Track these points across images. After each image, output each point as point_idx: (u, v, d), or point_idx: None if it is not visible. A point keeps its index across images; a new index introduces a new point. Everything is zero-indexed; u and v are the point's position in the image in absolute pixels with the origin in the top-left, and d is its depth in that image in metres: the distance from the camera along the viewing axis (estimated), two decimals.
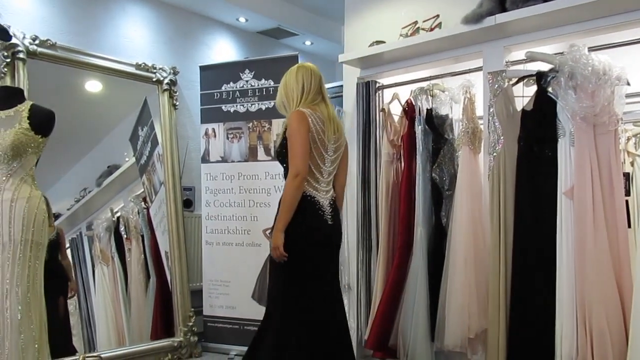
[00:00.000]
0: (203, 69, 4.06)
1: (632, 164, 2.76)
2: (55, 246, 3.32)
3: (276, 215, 2.42)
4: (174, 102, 4.01)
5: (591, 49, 2.51)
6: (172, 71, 4.02)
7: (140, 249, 3.78)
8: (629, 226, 2.43)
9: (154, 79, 3.92)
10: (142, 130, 3.88)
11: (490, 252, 2.69)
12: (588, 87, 2.39)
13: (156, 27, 4.18)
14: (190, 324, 3.74)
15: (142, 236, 3.80)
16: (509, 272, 2.59)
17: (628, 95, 2.50)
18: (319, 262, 2.46)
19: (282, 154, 2.47)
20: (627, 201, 2.44)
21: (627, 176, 2.56)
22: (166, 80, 3.96)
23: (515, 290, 2.54)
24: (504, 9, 2.81)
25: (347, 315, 3.50)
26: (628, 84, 2.42)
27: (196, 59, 4.36)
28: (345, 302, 3.53)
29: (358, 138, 3.52)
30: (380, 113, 3.48)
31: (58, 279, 3.32)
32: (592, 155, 2.39)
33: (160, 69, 3.96)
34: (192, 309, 3.80)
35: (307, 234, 2.41)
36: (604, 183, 2.38)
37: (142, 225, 3.81)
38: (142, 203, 3.84)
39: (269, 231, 2.55)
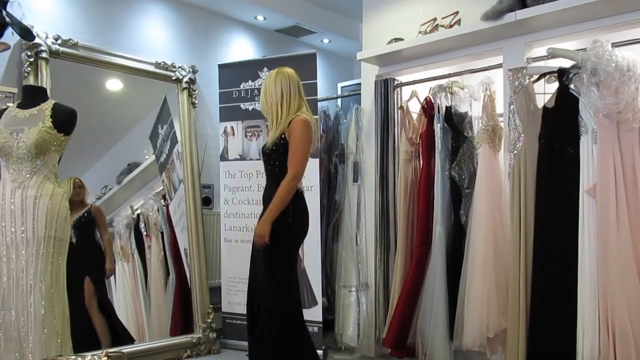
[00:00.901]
0: (222, 67, 4.08)
1: None
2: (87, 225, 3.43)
3: (264, 209, 2.63)
4: (193, 100, 4.04)
5: (615, 45, 2.48)
6: (191, 70, 4.05)
7: (159, 246, 3.82)
8: None
9: (174, 78, 3.96)
10: (162, 128, 3.91)
11: (511, 251, 2.67)
12: (611, 84, 2.36)
13: (175, 26, 4.22)
14: (209, 320, 3.76)
15: (162, 233, 3.83)
16: (529, 272, 2.56)
17: None
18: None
19: (276, 153, 2.61)
20: None
21: None
22: (185, 79, 3.99)
23: (535, 290, 2.51)
24: (524, 5, 2.77)
25: (360, 313, 3.54)
26: None
27: (215, 58, 4.38)
28: (363, 300, 3.55)
29: (376, 136, 3.51)
30: (399, 111, 3.47)
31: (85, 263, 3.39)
32: (616, 153, 2.36)
33: (179, 67, 3.99)
34: (211, 306, 3.82)
35: (302, 224, 2.68)
36: (628, 181, 2.34)
37: (161, 223, 3.85)
38: (162, 200, 3.87)
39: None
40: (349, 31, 5.10)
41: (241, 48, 4.68)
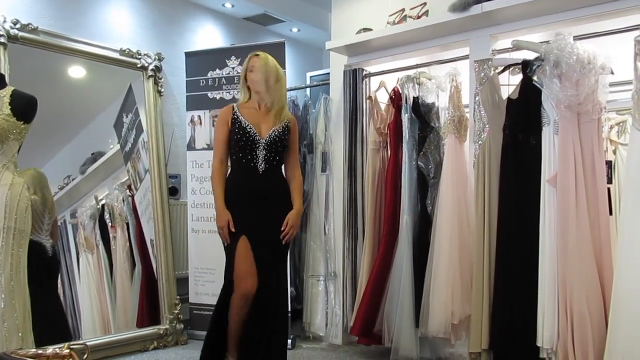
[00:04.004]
0: (188, 55, 4.02)
1: (614, 152, 2.80)
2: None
3: (267, 198, 2.65)
4: (159, 88, 3.96)
5: (576, 38, 2.53)
6: (157, 57, 3.97)
7: (125, 236, 3.75)
8: (611, 213, 2.47)
9: (139, 65, 3.87)
10: (127, 117, 3.83)
11: (475, 239, 2.72)
12: (573, 76, 2.42)
13: (141, 12, 4.12)
14: (176, 311, 3.73)
15: (127, 224, 3.77)
16: (493, 259, 2.62)
17: (611, 84, 2.53)
18: None
19: (282, 145, 2.69)
20: (609, 189, 2.47)
21: (609, 164, 2.60)
22: (151, 67, 3.91)
23: (498, 277, 2.57)
24: None
25: (328, 302, 3.57)
26: (612, 72, 2.45)
27: (181, 45, 4.31)
28: (331, 289, 3.57)
29: (345, 126, 3.52)
30: (367, 101, 3.48)
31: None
32: (576, 144, 2.42)
33: (145, 54, 3.91)
34: (178, 297, 3.78)
35: None
36: (587, 171, 2.41)
37: (127, 213, 3.78)
38: (127, 191, 3.80)
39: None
40: (318, 20, 5.09)
41: (209, 36, 4.62)
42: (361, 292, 3.23)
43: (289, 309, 2.65)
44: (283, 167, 2.77)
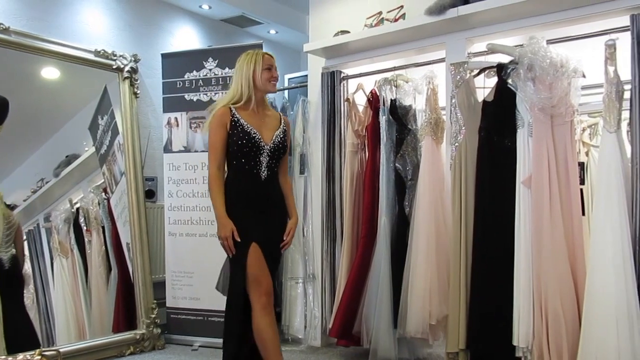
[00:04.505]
0: (165, 56, 3.98)
1: (587, 154, 2.86)
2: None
3: (271, 205, 2.59)
4: (135, 90, 3.92)
5: (549, 42, 2.58)
6: (133, 58, 3.93)
7: (101, 240, 3.70)
8: (583, 214, 2.52)
9: (114, 67, 3.82)
10: (102, 119, 3.78)
11: (452, 240, 2.75)
12: (546, 79, 2.46)
13: (116, 12, 4.07)
14: (153, 316, 3.68)
15: (103, 227, 3.71)
16: (470, 260, 2.65)
17: (584, 88, 2.58)
18: None
19: (284, 150, 2.63)
20: (581, 190, 2.52)
21: (582, 166, 2.66)
22: (127, 68, 3.87)
23: (475, 277, 2.60)
24: (466, 1, 2.85)
25: (307, 304, 3.57)
26: (584, 76, 2.50)
27: (158, 47, 4.27)
28: (310, 291, 3.57)
29: (323, 128, 3.53)
30: (345, 103, 3.49)
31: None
32: (550, 146, 2.46)
33: (120, 56, 3.86)
34: (155, 301, 3.74)
35: None
36: (560, 172, 2.45)
37: (102, 217, 3.72)
38: (103, 194, 3.74)
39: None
40: (295, 23, 5.09)
41: (185, 37, 4.58)
42: (340, 293, 3.24)
43: None
44: None
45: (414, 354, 3.16)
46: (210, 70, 3.81)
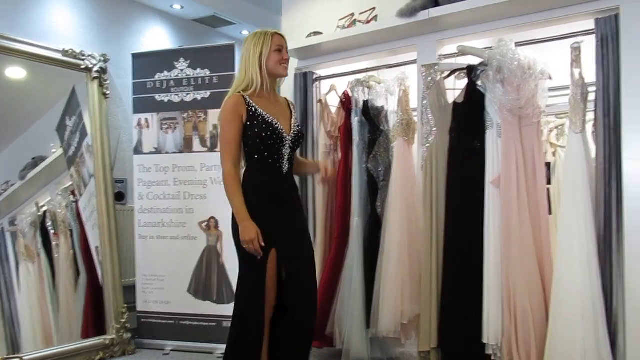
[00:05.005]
0: (135, 56, 3.92)
1: (553, 154, 2.92)
2: None
3: (290, 200, 2.42)
4: (105, 90, 3.85)
5: (517, 44, 2.63)
6: (102, 58, 3.86)
7: (69, 244, 3.62)
8: (550, 213, 2.57)
9: (83, 67, 3.75)
10: (70, 120, 3.70)
11: (423, 240, 2.77)
12: (514, 81, 2.50)
13: (85, 11, 3.99)
14: (123, 320, 3.62)
15: (71, 231, 3.63)
16: (441, 259, 2.67)
17: (550, 89, 2.63)
18: None
19: (301, 139, 2.50)
20: (548, 189, 2.57)
21: (548, 166, 2.71)
22: (96, 68, 3.79)
23: (446, 276, 2.63)
24: (437, 4, 2.88)
25: None
26: (550, 78, 2.55)
27: (128, 47, 4.20)
28: None
29: None
30: (318, 104, 3.49)
31: None
32: (518, 146, 2.51)
33: (89, 55, 3.79)
34: (125, 305, 3.68)
35: None
36: (528, 172, 2.50)
37: (70, 220, 3.64)
38: (71, 196, 3.66)
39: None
40: (268, 23, 5.07)
41: (156, 37, 4.52)
42: None
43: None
44: None
45: (387, 354, 3.17)
46: (181, 70, 3.77)
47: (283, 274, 2.31)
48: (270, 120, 2.31)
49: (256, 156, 2.32)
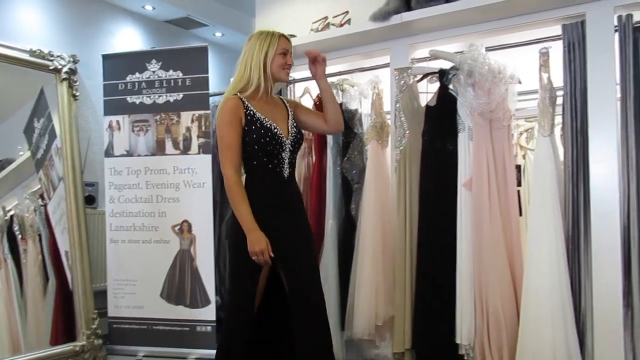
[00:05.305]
0: (106, 57, 3.85)
1: (523, 157, 2.98)
2: None
3: (296, 206, 2.36)
4: (74, 92, 3.77)
5: (488, 49, 2.67)
6: (71, 59, 3.78)
7: (37, 249, 3.53)
8: (520, 214, 2.62)
9: (51, 67, 3.67)
10: (38, 122, 3.62)
11: (397, 241, 2.79)
12: (485, 85, 2.54)
13: (54, 11, 3.91)
14: (94, 326, 3.55)
15: (40, 235, 3.55)
16: (414, 261, 2.70)
17: (520, 93, 2.69)
18: None
19: (302, 141, 2.43)
20: (518, 191, 2.62)
21: (519, 168, 2.76)
22: (65, 69, 3.72)
23: (419, 278, 2.65)
24: (409, 8, 2.91)
25: None
26: (520, 82, 2.60)
27: (99, 48, 4.13)
28: None
29: None
30: None
31: None
32: (488, 149, 2.55)
33: (58, 56, 3.71)
34: (96, 311, 3.61)
35: None
36: (499, 175, 2.54)
37: (39, 224, 3.56)
38: (39, 200, 3.58)
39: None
40: (242, 25, 5.06)
41: (128, 38, 4.46)
42: None
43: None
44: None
45: (362, 356, 3.18)
46: (153, 72, 3.72)
47: (285, 286, 2.24)
48: (268, 125, 2.22)
49: (255, 162, 2.24)
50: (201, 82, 3.60)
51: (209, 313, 3.49)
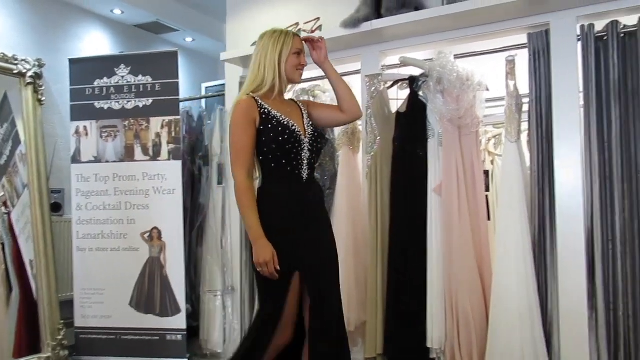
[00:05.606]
0: (73, 62, 3.77)
1: (492, 162, 3.03)
2: None
3: (319, 211, 2.21)
4: (40, 97, 3.68)
5: (457, 57, 2.72)
6: (37, 63, 3.69)
7: (0, 258, 3.43)
8: (489, 219, 2.66)
9: (15, 71, 3.57)
10: (2, 127, 3.52)
11: (369, 247, 2.80)
12: (454, 92, 2.59)
13: (18, 14, 3.82)
14: (60, 337, 3.46)
15: (3, 244, 3.44)
16: (386, 266, 2.71)
17: (488, 100, 2.75)
18: None
19: (325, 141, 2.32)
20: (487, 196, 2.67)
21: (487, 173, 2.81)
22: (30, 73, 3.63)
23: (391, 283, 2.67)
24: (380, 15, 2.94)
25: (226, 317, 3.47)
26: (487, 89, 2.66)
27: (66, 52, 4.05)
28: (229, 304, 3.50)
29: None
30: None
31: None
32: (458, 155, 2.59)
33: (22, 60, 3.62)
34: (62, 321, 3.52)
35: None
36: (468, 180, 2.59)
37: (2, 232, 3.45)
38: (2, 208, 3.48)
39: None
40: (213, 31, 5.03)
41: (96, 43, 4.38)
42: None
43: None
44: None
45: None
46: (122, 77, 3.66)
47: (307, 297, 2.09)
48: (285, 123, 2.09)
49: (273, 164, 2.10)
50: (171, 88, 3.56)
51: (179, 321, 3.44)
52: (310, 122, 2.22)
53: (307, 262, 2.07)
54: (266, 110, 2.10)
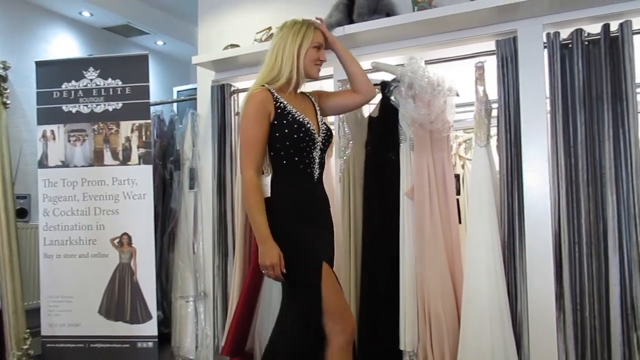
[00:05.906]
0: (39, 64, 3.68)
1: (462, 166, 3.08)
2: None
3: (326, 213, 2.18)
4: (4, 100, 3.60)
5: (427, 62, 2.76)
6: (1, 65, 3.61)
7: None
8: (460, 222, 2.70)
9: None
10: None
11: (341, 250, 2.81)
12: (425, 97, 2.62)
13: None
14: (26, 346, 3.37)
15: None
16: (359, 270, 2.73)
17: (458, 105, 2.79)
18: None
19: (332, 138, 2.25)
20: (458, 200, 2.71)
21: (458, 177, 2.86)
22: None
23: (363, 286, 2.68)
24: (351, 21, 2.96)
25: (198, 323, 3.43)
26: (457, 94, 2.70)
27: (32, 54, 3.96)
28: (201, 310, 3.47)
29: (213, 142, 3.47)
30: (236, 117, 3.46)
31: None
32: (429, 159, 2.63)
33: None
34: (28, 330, 3.43)
35: None
36: (439, 184, 2.62)
37: None
38: None
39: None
40: (184, 34, 4.99)
41: (64, 45, 4.30)
42: (232, 310, 3.18)
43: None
44: None
45: None
46: (91, 80, 3.59)
47: None
48: (301, 120, 2.01)
49: (285, 162, 2.02)
50: (141, 91, 3.51)
51: (150, 328, 3.38)
52: (323, 120, 2.16)
53: (326, 256, 2.05)
54: (282, 105, 2.02)
